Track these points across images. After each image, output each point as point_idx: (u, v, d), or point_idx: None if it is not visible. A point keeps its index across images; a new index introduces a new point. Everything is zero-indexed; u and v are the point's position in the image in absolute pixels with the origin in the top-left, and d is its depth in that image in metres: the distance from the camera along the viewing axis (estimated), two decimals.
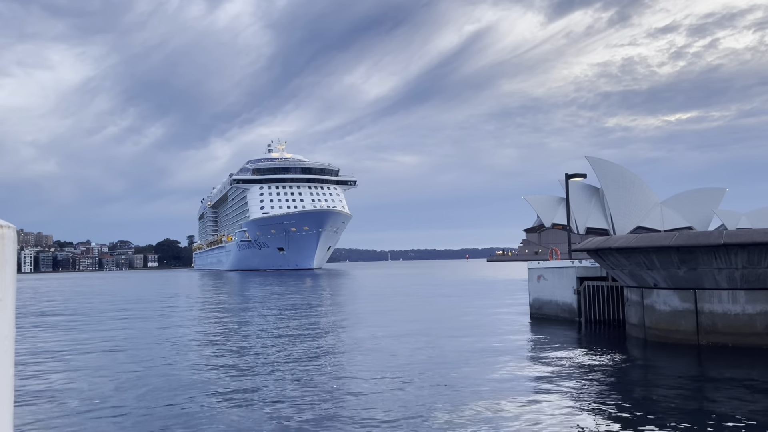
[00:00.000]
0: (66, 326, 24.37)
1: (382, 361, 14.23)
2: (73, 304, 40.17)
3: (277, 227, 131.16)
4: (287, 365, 13.85)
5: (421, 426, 8.68)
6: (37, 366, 14.60)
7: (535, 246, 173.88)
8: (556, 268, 22.49)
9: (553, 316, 22.17)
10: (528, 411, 9.33)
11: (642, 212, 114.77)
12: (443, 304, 31.89)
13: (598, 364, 13.50)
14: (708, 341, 15.44)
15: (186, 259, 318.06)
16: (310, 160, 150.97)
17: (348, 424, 8.88)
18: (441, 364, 13.61)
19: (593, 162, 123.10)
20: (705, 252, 14.97)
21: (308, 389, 11.26)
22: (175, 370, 13.68)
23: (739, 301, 15.13)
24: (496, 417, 9.03)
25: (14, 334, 1.49)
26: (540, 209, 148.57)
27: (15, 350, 1.47)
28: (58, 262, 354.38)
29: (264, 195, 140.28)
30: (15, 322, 1.50)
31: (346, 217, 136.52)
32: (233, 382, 12.07)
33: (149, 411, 9.91)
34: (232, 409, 9.90)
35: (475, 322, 21.86)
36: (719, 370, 13.03)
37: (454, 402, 9.99)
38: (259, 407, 10.00)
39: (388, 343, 17.07)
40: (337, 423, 8.97)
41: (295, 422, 9.08)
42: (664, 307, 16.44)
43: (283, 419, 9.25)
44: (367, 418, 9.15)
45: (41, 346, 18.38)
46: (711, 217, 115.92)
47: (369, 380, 11.97)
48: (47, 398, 11.06)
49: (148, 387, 11.83)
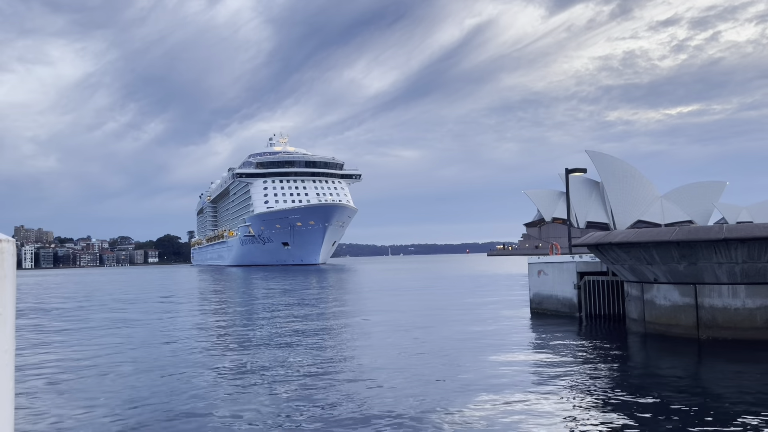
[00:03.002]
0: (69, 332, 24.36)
1: (383, 356, 14.25)
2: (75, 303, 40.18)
3: (282, 222, 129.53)
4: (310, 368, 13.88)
5: (420, 420, 8.69)
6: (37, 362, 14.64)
7: (535, 240, 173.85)
8: (557, 262, 22.50)
9: (554, 311, 22.19)
10: (528, 406, 9.34)
11: (642, 206, 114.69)
12: (444, 299, 31.91)
13: (598, 359, 13.52)
14: (708, 336, 15.47)
15: (186, 254, 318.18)
16: (313, 154, 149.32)
17: (348, 420, 8.89)
18: (441, 358, 13.62)
19: (593, 156, 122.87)
20: (705, 247, 14.98)
21: (310, 384, 11.29)
22: (186, 369, 13.70)
23: (740, 295, 15.15)
24: (496, 412, 9.05)
25: (14, 348, 1.49)
26: (540, 203, 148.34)
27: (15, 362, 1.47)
28: (59, 258, 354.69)
29: (268, 189, 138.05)
30: (14, 336, 1.50)
31: (351, 211, 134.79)
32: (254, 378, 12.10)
33: (160, 409, 9.94)
34: (237, 408, 9.92)
35: (476, 317, 21.88)
36: (719, 364, 13.06)
37: (453, 397, 10.00)
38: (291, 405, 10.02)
39: (389, 338, 17.10)
40: (337, 419, 8.98)
41: (295, 420, 9.10)
42: (665, 302, 16.46)
43: (284, 418, 9.28)
44: (366, 412, 9.17)
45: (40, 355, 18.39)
46: (711, 210, 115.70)
47: (369, 374, 11.99)
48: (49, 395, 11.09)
49: (164, 384, 11.86)
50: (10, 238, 1.47)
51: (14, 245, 1.47)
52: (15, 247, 1.48)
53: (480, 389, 10.60)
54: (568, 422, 8.58)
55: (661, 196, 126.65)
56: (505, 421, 8.67)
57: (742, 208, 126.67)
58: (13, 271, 1.46)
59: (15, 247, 1.48)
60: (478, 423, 8.61)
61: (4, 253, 1.42)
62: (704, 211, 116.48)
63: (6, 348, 1.44)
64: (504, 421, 8.67)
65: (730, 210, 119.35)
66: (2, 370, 1.43)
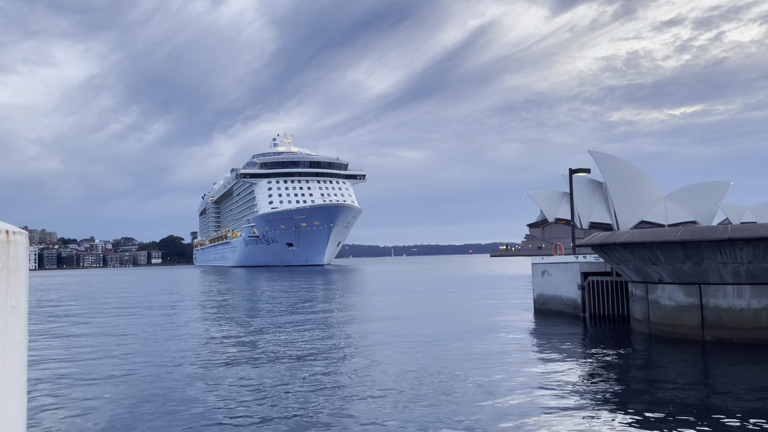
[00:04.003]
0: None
1: (387, 356, 14.24)
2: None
3: (287, 222, 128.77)
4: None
5: (425, 422, 8.68)
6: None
7: (538, 241, 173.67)
8: (560, 263, 22.46)
9: (558, 312, 22.15)
10: (532, 407, 9.32)
11: (646, 207, 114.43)
12: (447, 299, 31.89)
13: (602, 359, 13.49)
14: (713, 336, 15.41)
15: (190, 255, 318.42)
16: (318, 154, 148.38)
17: (352, 421, 8.89)
18: (444, 359, 13.60)
19: (596, 156, 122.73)
20: (710, 247, 14.93)
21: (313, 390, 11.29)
22: (197, 369, 13.71)
23: (744, 295, 15.09)
24: (500, 413, 9.03)
25: (27, 341, 1.49)
26: (543, 204, 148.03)
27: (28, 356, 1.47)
28: (63, 259, 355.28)
29: (272, 189, 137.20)
30: (27, 328, 1.50)
31: (357, 212, 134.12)
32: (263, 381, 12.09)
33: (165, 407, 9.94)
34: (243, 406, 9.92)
35: (479, 318, 21.85)
36: (724, 365, 13.01)
37: (457, 398, 9.99)
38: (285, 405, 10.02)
39: (394, 339, 17.09)
40: (342, 421, 8.98)
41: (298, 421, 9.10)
42: (669, 302, 16.42)
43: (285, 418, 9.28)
44: (369, 414, 9.16)
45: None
46: (715, 211, 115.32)
47: (373, 374, 11.99)
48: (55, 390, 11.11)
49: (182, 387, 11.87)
50: (23, 231, 1.47)
51: (27, 238, 1.47)
52: (27, 239, 1.48)
53: (483, 389, 10.58)
54: (573, 423, 8.55)
55: (665, 196, 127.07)
56: (509, 421, 8.65)
57: (746, 208, 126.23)
58: (26, 263, 1.46)
59: (27, 239, 1.48)
60: (481, 423, 8.59)
61: (18, 246, 1.42)
62: (708, 211, 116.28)
63: (19, 341, 1.44)
64: (507, 421, 8.65)
65: (734, 210, 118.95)
66: (16, 363, 1.43)
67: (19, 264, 1.43)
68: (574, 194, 28.54)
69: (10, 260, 1.41)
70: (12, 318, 1.43)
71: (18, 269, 1.43)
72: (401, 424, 8.64)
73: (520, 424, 8.49)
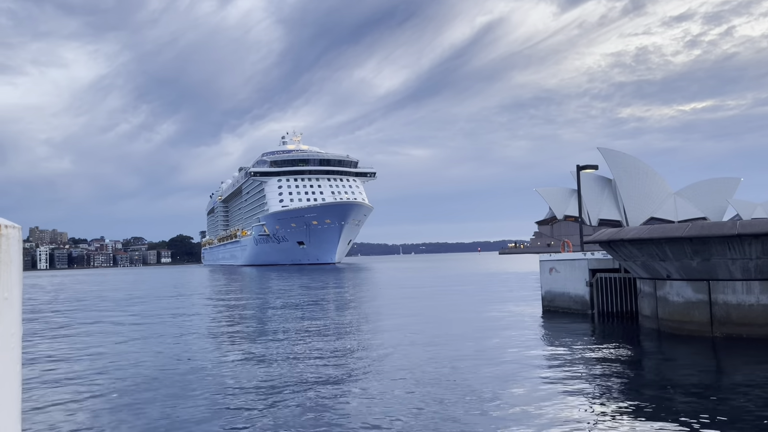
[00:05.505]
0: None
1: (395, 354, 14.28)
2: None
3: (298, 220, 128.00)
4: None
5: (433, 420, 8.69)
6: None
7: (547, 238, 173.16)
8: (569, 260, 22.40)
9: (566, 309, 22.10)
10: (541, 404, 9.32)
11: (655, 203, 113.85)
12: (456, 297, 31.89)
13: (611, 356, 13.45)
14: (722, 332, 15.33)
15: (199, 254, 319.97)
16: (327, 152, 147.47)
17: (360, 420, 8.92)
18: (453, 356, 13.61)
19: (606, 153, 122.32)
20: (718, 242, 14.85)
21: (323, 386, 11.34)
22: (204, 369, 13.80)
23: (754, 291, 15.00)
24: (508, 410, 9.03)
25: (21, 332, 1.53)
26: (552, 201, 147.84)
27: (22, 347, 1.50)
28: (73, 258, 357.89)
29: (282, 187, 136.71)
30: (21, 319, 1.53)
31: (367, 210, 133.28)
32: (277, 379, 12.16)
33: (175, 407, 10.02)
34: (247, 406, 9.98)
35: (488, 315, 21.84)
36: (733, 361, 12.95)
37: (466, 395, 10.00)
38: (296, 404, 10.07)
39: (403, 337, 17.12)
40: (347, 420, 9.02)
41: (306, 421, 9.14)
42: (678, 299, 16.34)
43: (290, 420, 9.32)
44: (379, 413, 9.19)
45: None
46: (725, 207, 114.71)
47: (382, 373, 12.03)
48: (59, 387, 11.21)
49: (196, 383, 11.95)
50: (15, 225, 1.50)
51: (20, 231, 1.50)
52: (20, 233, 1.51)
53: (491, 386, 10.59)
54: (581, 421, 8.54)
55: (675, 192, 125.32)
56: (517, 419, 8.65)
57: (757, 204, 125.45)
58: (19, 256, 1.49)
59: (20, 233, 1.51)
60: (489, 420, 8.60)
61: (10, 239, 1.45)
62: (718, 207, 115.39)
63: (12, 331, 1.48)
64: (516, 419, 8.65)
65: (745, 206, 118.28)
66: (9, 353, 1.46)
67: (11, 257, 1.47)
68: (582, 191, 28.45)
69: (2, 253, 1.45)
70: (5, 309, 1.48)
71: (10, 262, 1.47)
72: (411, 420, 8.66)
73: (526, 422, 8.49)
